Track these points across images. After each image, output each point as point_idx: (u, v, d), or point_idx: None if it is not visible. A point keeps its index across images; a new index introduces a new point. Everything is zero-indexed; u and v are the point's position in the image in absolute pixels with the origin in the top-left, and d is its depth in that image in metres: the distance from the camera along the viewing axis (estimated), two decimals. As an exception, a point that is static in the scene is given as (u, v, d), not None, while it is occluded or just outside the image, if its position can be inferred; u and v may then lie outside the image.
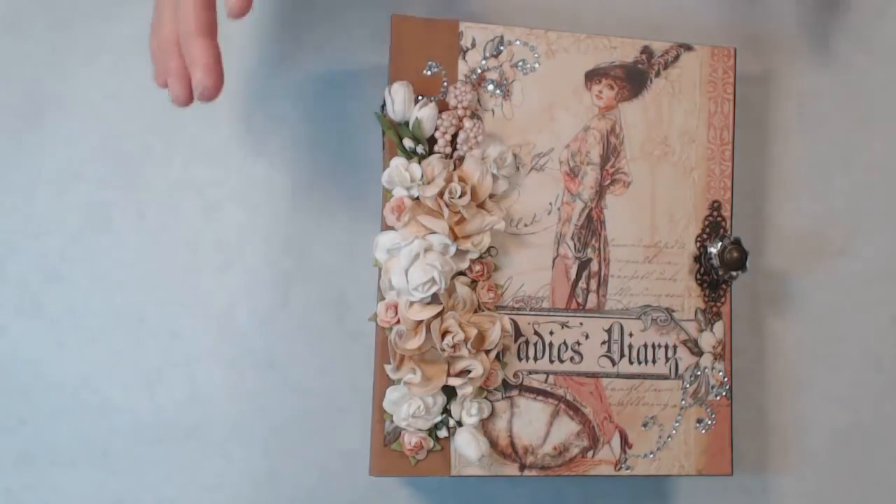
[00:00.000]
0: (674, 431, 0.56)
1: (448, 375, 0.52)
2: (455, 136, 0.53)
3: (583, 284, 0.55)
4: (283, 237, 0.61)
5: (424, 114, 0.53)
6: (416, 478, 0.60)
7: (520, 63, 0.55)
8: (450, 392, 0.53)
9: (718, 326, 0.57)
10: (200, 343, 0.60)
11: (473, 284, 0.53)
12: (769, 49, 0.66)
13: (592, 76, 0.56)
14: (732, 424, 0.57)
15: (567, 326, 0.55)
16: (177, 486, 0.59)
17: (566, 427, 0.55)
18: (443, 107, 0.54)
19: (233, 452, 0.59)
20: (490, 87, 0.55)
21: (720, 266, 0.56)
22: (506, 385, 0.54)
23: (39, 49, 0.60)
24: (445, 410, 0.53)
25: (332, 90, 0.62)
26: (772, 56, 0.66)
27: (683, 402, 0.56)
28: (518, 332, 0.54)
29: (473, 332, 0.52)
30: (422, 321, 0.52)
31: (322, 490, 0.60)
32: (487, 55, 0.55)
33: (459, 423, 0.53)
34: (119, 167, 0.60)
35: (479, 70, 0.55)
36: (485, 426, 0.54)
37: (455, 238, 0.52)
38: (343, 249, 0.61)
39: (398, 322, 0.52)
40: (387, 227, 0.53)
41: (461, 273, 0.53)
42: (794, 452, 0.64)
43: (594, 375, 0.55)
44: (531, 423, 0.54)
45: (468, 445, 0.52)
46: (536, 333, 0.55)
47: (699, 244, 0.57)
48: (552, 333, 0.55)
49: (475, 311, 0.53)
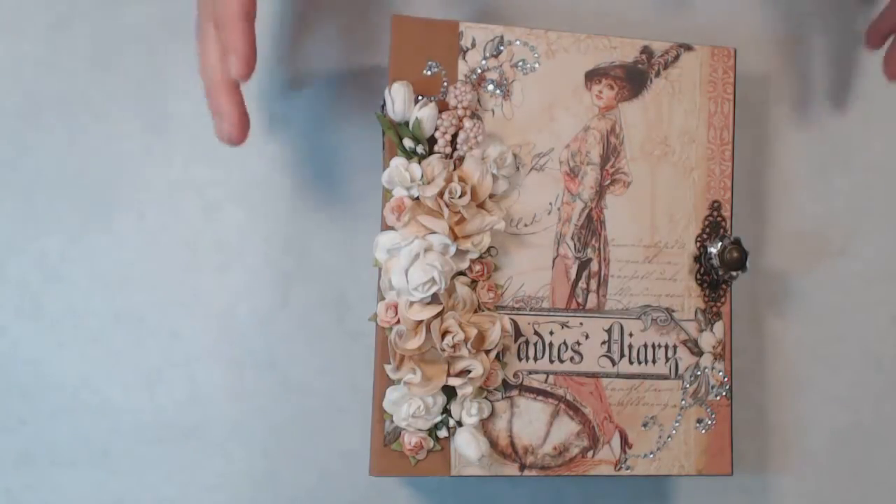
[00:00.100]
0: (674, 431, 0.56)
1: (448, 375, 0.52)
2: (455, 136, 0.53)
3: (583, 284, 0.55)
4: (283, 237, 0.61)
5: (424, 114, 0.53)
6: (416, 478, 0.60)
7: (520, 63, 0.55)
8: (450, 392, 0.53)
9: (718, 326, 0.57)
10: (200, 343, 0.60)
11: (473, 284, 0.53)
12: (769, 49, 0.66)
13: (592, 76, 0.56)
14: (732, 424, 0.57)
15: (567, 326, 0.55)
16: (177, 486, 0.59)
17: (566, 427, 0.55)
18: (443, 107, 0.54)
19: (233, 452, 0.59)
20: (490, 87, 0.55)
21: (720, 266, 0.56)
22: (506, 385, 0.54)
23: (39, 49, 0.60)
24: (445, 410, 0.53)
25: (332, 90, 0.62)
26: (772, 56, 0.66)
27: (683, 402, 0.56)
28: (518, 332, 0.54)
29: (473, 332, 0.52)
30: (422, 321, 0.52)
31: (322, 490, 0.60)
32: (487, 55, 0.55)
33: (459, 423, 0.53)
34: (119, 167, 0.60)
35: (479, 70, 0.55)
36: (485, 426, 0.54)
37: (455, 238, 0.52)
38: (343, 249, 0.61)
39: (398, 322, 0.52)
40: (387, 227, 0.53)
41: (461, 273, 0.53)
42: (794, 452, 0.64)
43: (594, 375, 0.55)
44: (531, 423, 0.54)
45: (468, 445, 0.52)
46: (536, 333, 0.55)
47: (699, 244, 0.57)
48: (552, 333, 0.55)
49: (475, 311, 0.53)
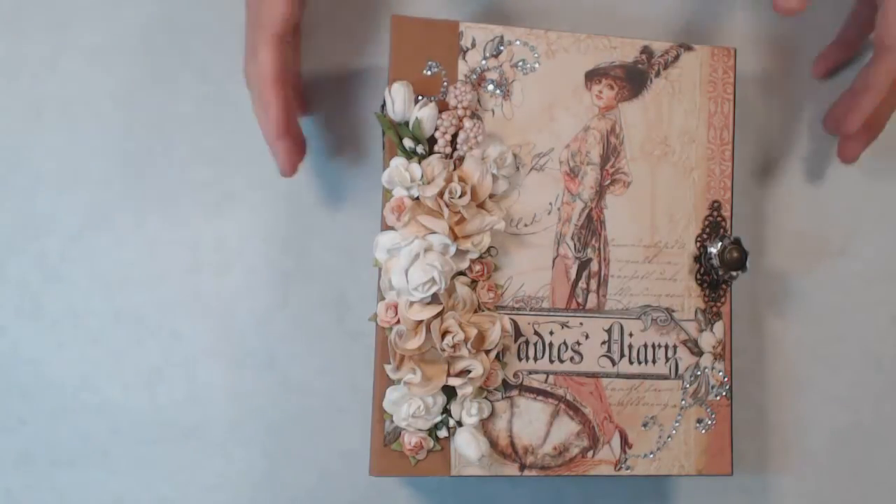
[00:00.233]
0: (674, 431, 0.56)
1: (448, 375, 0.52)
2: (455, 136, 0.53)
3: (583, 284, 0.55)
4: (283, 237, 0.61)
5: (424, 114, 0.52)
6: (416, 478, 0.60)
7: (520, 63, 0.55)
8: (450, 392, 0.53)
9: (718, 326, 0.57)
10: (200, 343, 0.60)
11: (473, 284, 0.53)
12: (769, 49, 0.66)
13: (592, 76, 0.56)
14: (732, 424, 0.57)
15: (567, 326, 0.55)
16: (177, 486, 0.59)
17: (566, 427, 0.55)
18: (443, 107, 0.54)
19: (233, 452, 0.59)
20: (490, 87, 0.55)
21: (720, 266, 0.56)
22: (506, 385, 0.54)
23: (39, 49, 0.60)
24: (445, 410, 0.53)
25: (332, 90, 0.62)
26: (772, 56, 0.66)
27: (683, 402, 0.56)
28: (518, 332, 0.54)
29: (473, 332, 0.52)
30: (422, 321, 0.52)
31: (322, 490, 0.60)
32: (487, 55, 0.55)
33: (459, 423, 0.53)
34: (119, 167, 0.60)
35: (479, 70, 0.55)
36: (485, 426, 0.54)
37: (455, 238, 0.52)
38: (343, 249, 0.61)
39: (398, 322, 0.52)
40: (387, 227, 0.53)
41: (461, 273, 0.53)
42: (794, 452, 0.64)
43: (594, 375, 0.55)
44: (531, 423, 0.54)
45: (468, 445, 0.52)
46: (536, 333, 0.55)
47: (699, 244, 0.57)
48: (552, 333, 0.55)
49: (475, 311, 0.53)
